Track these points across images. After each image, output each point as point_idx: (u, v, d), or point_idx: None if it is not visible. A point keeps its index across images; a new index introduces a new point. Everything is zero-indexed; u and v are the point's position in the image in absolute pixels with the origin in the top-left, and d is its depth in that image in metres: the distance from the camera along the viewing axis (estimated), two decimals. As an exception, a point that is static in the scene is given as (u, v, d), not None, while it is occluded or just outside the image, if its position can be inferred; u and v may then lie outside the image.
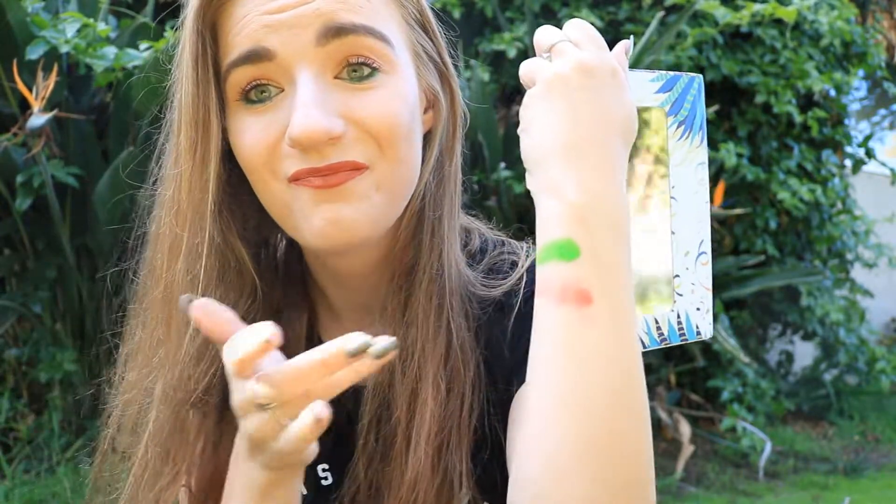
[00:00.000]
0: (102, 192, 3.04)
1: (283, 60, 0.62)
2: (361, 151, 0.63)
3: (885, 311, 7.83)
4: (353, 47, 0.63)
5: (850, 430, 5.29)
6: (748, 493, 3.94)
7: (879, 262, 5.59)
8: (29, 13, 2.98)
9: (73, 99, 3.31)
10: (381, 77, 0.64)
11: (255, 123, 0.64)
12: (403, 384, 0.67)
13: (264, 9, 0.62)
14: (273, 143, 0.63)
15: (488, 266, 0.75)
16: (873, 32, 5.77)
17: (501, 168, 3.76)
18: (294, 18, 0.62)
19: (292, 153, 0.62)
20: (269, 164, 0.64)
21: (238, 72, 0.63)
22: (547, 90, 0.59)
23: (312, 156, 0.62)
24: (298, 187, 0.63)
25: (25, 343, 3.43)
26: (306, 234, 0.64)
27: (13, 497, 2.96)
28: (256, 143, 0.64)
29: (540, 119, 0.59)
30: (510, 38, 4.25)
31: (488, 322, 0.72)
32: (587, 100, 0.57)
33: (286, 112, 0.63)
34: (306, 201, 0.63)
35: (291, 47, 0.62)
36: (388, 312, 0.70)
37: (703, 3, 4.08)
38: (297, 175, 0.63)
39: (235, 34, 0.63)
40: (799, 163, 4.94)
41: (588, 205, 0.56)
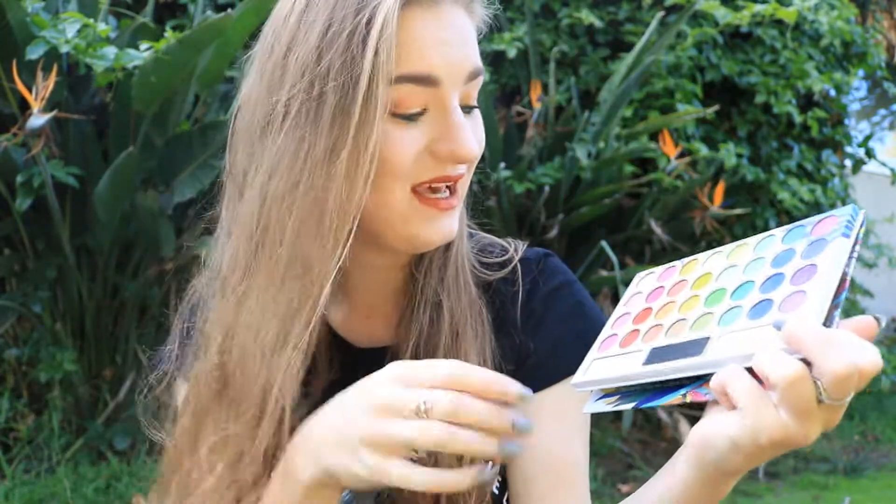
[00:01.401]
0: (102, 192, 3.04)
1: (444, 90, 0.71)
2: (466, 168, 0.76)
3: (885, 311, 7.83)
4: (475, 88, 0.75)
5: (850, 430, 5.29)
6: (748, 493, 3.94)
7: (879, 262, 5.59)
8: (29, 13, 2.97)
9: (73, 99, 3.30)
10: (476, 110, 0.77)
11: (403, 135, 0.71)
12: (449, 329, 0.78)
13: (435, 38, 0.70)
14: (417, 154, 0.71)
15: (479, 245, 0.88)
16: (873, 32, 5.77)
17: (501, 168, 3.76)
18: (457, 57, 0.72)
19: (428, 164, 0.72)
20: (407, 174, 0.72)
21: (405, 88, 0.70)
22: (743, 453, 0.57)
23: (449, 166, 0.73)
24: (421, 204, 0.73)
25: (25, 343, 3.43)
26: (414, 240, 0.74)
27: (13, 497, 2.96)
28: (404, 153, 0.71)
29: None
30: (510, 38, 4.25)
31: (488, 303, 0.83)
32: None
33: (432, 130, 0.72)
34: (428, 216, 0.74)
35: (452, 80, 0.71)
36: (431, 273, 0.80)
37: (703, 3, 4.08)
38: (431, 182, 0.73)
39: (408, 50, 0.69)
40: (799, 163, 4.94)
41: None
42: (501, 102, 4.55)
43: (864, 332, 0.52)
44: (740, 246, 0.64)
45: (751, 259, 0.61)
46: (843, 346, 0.50)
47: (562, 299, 0.84)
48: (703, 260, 0.66)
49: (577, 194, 3.99)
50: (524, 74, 4.47)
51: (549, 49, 4.39)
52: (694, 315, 0.60)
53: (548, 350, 0.82)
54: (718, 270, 0.63)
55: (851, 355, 0.49)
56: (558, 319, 0.83)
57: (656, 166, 4.20)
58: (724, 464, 0.57)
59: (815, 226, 0.59)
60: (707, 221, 4.14)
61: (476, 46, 0.75)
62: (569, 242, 4.13)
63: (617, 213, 4.27)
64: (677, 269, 0.68)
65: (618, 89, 3.96)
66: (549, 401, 0.80)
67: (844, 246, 0.54)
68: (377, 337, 0.84)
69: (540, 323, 0.83)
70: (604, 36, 4.60)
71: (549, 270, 0.86)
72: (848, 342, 0.50)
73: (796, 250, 0.58)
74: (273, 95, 0.71)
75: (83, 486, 3.04)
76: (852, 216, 0.56)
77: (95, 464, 3.25)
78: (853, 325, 0.52)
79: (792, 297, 0.54)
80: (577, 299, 0.85)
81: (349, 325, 0.84)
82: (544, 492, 0.79)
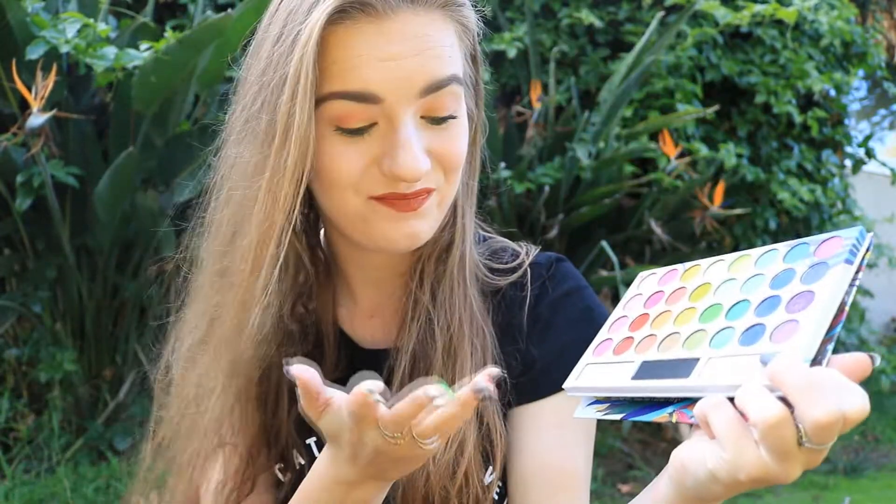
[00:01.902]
0: (102, 192, 3.04)
1: (389, 107, 0.69)
2: (434, 179, 0.74)
3: (885, 311, 7.83)
4: (443, 97, 0.72)
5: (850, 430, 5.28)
6: (748, 493, 3.94)
7: (879, 262, 5.59)
8: (29, 13, 2.97)
9: (73, 99, 3.30)
10: (455, 119, 0.74)
11: (348, 151, 0.71)
12: (443, 338, 0.78)
13: (378, 54, 0.68)
14: (364, 168, 0.71)
15: (490, 250, 0.87)
16: (873, 32, 5.77)
17: (501, 168, 3.76)
18: (405, 72, 0.69)
19: (380, 179, 0.71)
20: (355, 185, 0.72)
21: (341, 104, 0.69)
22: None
23: (401, 185, 0.71)
24: (379, 205, 0.72)
25: (25, 343, 3.43)
26: (380, 241, 0.74)
27: (13, 497, 2.96)
28: (350, 167, 0.71)
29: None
30: (510, 38, 4.25)
31: (497, 307, 0.83)
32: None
33: (380, 144, 0.71)
34: (386, 217, 0.73)
35: (398, 96, 0.69)
36: (425, 281, 0.80)
37: (703, 3, 4.08)
38: (382, 196, 0.72)
39: (346, 67, 0.68)
40: (799, 163, 4.94)
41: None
42: (501, 102, 4.55)
43: (855, 371, 0.49)
44: (742, 257, 0.62)
45: (751, 275, 0.59)
46: (827, 390, 0.47)
47: (571, 305, 0.83)
48: (705, 268, 0.64)
49: (577, 194, 3.99)
50: (524, 74, 4.47)
51: (549, 49, 4.39)
52: (688, 330, 0.59)
53: (553, 356, 0.81)
54: (718, 282, 0.61)
55: (835, 401, 0.46)
56: (566, 325, 0.82)
57: (656, 166, 4.20)
58: (702, 492, 0.55)
59: (819, 246, 0.56)
60: (707, 221, 4.13)
61: (445, 53, 0.71)
62: (569, 242, 4.13)
63: (617, 213, 4.27)
64: (679, 274, 0.66)
65: (618, 89, 3.96)
66: (550, 408, 0.80)
67: (846, 274, 0.52)
68: (379, 338, 0.84)
69: (547, 329, 0.82)
70: (604, 36, 4.60)
71: (560, 275, 0.85)
72: (834, 386, 0.47)
73: (797, 272, 0.55)
74: (234, 110, 0.75)
75: (83, 486, 3.04)
76: (858, 240, 0.53)
77: (95, 464, 3.25)
78: (845, 363, 0.49)
79: (785, 325, 0.52)
80: (586, 304, 0.84)
81: (354, 325, 0.86)
82: (542, 499, 0.78)
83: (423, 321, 0.78)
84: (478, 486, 0.76)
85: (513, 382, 0.79)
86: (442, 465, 0.74)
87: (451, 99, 0.73)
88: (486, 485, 0.78)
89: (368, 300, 0.85)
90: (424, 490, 0.75)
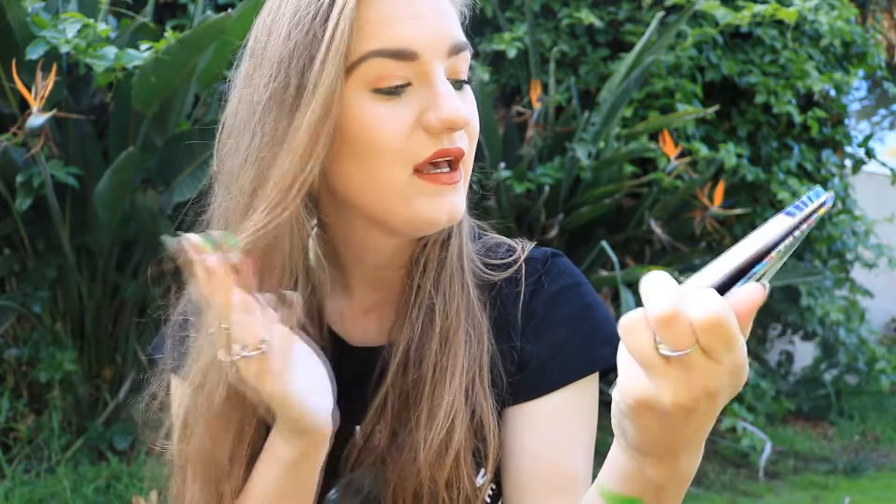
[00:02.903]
0: (102, 192, 3.04)
1: (424, 63, 0.71)
2: (465, 145, 0.74)
3: (885, 311, 7.83)
4: (462, 61, 0.74)
5: (850, 430, 5.29)
6: (748, 493, 3.94)
7: (879, 262, 5.58)
8: (29, 13, 2.97)
9: (73, 99, 3.30)
10: (468, 86, 0.76)
11: (388, 112, 0.70)
12: (440, 327, 0.76)
13: (408, 12, 0.70)
14: (408, 130, 0.71)
15: (486, 246, 0.85)
16: (873, 32, 5.77)
17: (501, 168, 3.76)
18: (434, 29, 0.71)
19: (422, 139, 0.71)
20: (400, 151, 0.71)
21: (378, 63, 0.70)
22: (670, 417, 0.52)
23: (444, 139, 0.71)
24: (421, 181, 0.72)
25: (25, 343, 3.43)
26: (421, 219, 0.73)
27: (13, 497, 2.96)
28: (393, 129, 0.70)
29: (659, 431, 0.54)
30: (510, 38, 4.25)
31: (491, 303, 0.81)
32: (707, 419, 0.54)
33: (418, 102, 0.71)
34: (430, 193, 0.72)
35: (432, 53, 0.71)
36: (426, 274, 0.78)
37: (703, 3, 4.08)
38: (429, 158, 0.71)
39: (379, 25, 0.70)
40: (799, 163, 4.94)
41: (669, 480, 0.58)
42: (501, 102, 4.55)
43: (744, 299, 0.48)
44: None
45: None
46: (668, 294, 0.48)
47: (567, 301, 0.81)
48: None
49: (577, 194, 3.99)
50: (524, 74, 4.47)
51: (549, 49, 4.39)
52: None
53: (549, 354, 0.78)
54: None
55: (673, 301, 0.47)
56: (561, 322, 0.80)
57: (656, 166, 4.20)
58: (624, 431, 0.55)
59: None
60: (707, 221, 4.14)
61: (456, 22, 0.75)
62: (569, 242, 4.13)
63: (617, 213, 4.27)
64: None
65: (618, 89, 3.96)
66: (546, 408, 0.77)
67: (781, 224, 0.53)
68: (371, 336, 0.82)
69: (542, 325, 0.80)
70: (604, 36, 4.60)
71: (556, 271, 0.82)
72: (689, 295, 0.48)
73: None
74: (254, 93, 0.72)
75: (83, 486, 3.04)
76: (810, 197, 0.54)
77: (95, 464, 3.25)
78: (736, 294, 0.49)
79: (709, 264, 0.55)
80: (584, 301, 0.81)
81: (346, 323, 0.83)
82: (538, 502, 0.75)
83: (424, 308, 0.77)
84: (467, 485, 0.74)
85: (507, 381, 0.78)
86: (432, 452, 0.73)
87: (466, 64, 0.75)
88: (477, 486, 0.76)
89: (366, 296, 0.82)
90: (414, 487, 0.73)
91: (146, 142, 3.21)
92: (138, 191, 3.15)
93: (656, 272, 0.63)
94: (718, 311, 0.47)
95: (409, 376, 0.76)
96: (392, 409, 0.76)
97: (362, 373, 0.79)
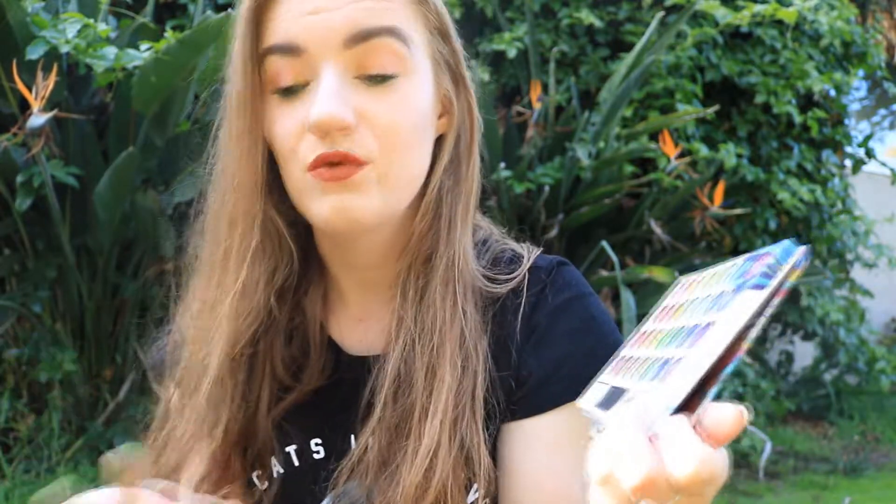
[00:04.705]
0: (102, 192, 3.04)
1: (311, 57, 0.69)
2: (366, 148, 0.69)
3: (885, 311, 7.83)
4: (376, 51, 0.69)
5: (850, 430, 5.29)
6: (748, 493, 3.94)
7: (879, 262, 5.58)
8: (29, 13, 2.97)
9: (73, 99, 3.30)
10: (396, 81, 0.70)
11: (284, 113, 0.71)
12: (423, 361, 0.72)
13: (302, 9, 0.69)
14: (298, 132, 0.70)
15: (492, 256, 0.81)
16: (873, 32, 5.78)
17: (501, 168, 3.76)
18: (326, 22, 0.69)
19: (311, 142, 0.69)
20: (294, 152, 0.70)
21: (272, 60, 0.70)
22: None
23: (326, 143, 0.68)
24: (312, 178, 0.70)
25: (25, 343, 3.43)
26: (316, 217, 0.71)
27: (13, 497, 2.96)
28: (286, 131, 0.70)
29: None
30: (510, 38, 4.25)
31: (493, 318, 0.76)
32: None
33: (309, 104, 0.69)
34: (317, 190, 0.70)
35: (320, 46, 0.69)
36: (409, 295, 0.75)
37: (703, 3, 4.08)
38: (313, 163, 0.69)
39: (275, 26, 0.70)
40: (799, 163, 4.94)
41: None
42: (501, 102, 4.55)
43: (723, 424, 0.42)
44: (714, 275, 0.53)
45: (702, 296, 0.51)
46: (641, 457, 0.42)
47: (571, 314, 0.76)
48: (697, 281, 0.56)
49: (577, 194, 3.99)
50: (524, 74, 4.47)
51: (549, 49, 4.39)
52: (645, 357, 0.53)
53: (550, 370, 0.73)
54: (688, 302, 0.53)
55: (650, 464, 0.42)
56: (565, 336, 0.75)
57: (656, 166, 4.20)
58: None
59: (756, 261, 0.47)
60: (707, 221, 4.14)
61: (383, 7, 0.69)
62: (569, 242, 4.13)
63: (617, 213, 4.27)
64: (685, 288, 0.58)
65: (618, 89, 3.96)
66: (546, 426, 0.73)
67: (752, 301, 0.44)
68: (367, 344, 0.80)
69: (544, 339, 0.75)
70: (604, 36, 4.60)
71: (561, 282, 0.77)
72: (663, 446, 0.42)
73: (726, 293, 0.47)
74: (224, 96, 0.76)
75: (83, 486, 3.04)
76: (778, 259, 0.45)
77: (95, 464, 3.25)
78: (713, 417, 0.42)
79: (674, 364, 0.46)
80: (589, 314, 0.76)
81: (343, 330, 0.81)
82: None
83: (405, 339, 0.73)
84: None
85: (506, 399, 0.74)
86: (411, 492, 0.69)
87: (388, 56, 0.70)
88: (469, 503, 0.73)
89: (358, 304, 0.80)
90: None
91: (146, 142, 3.21)
92: (138, 191, 3.15)
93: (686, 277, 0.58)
94: (698, 464, 0.41)
95: (399, 402, 0.73)
96: (382, 430, 0.73)
97: (358, 381, 0.77)
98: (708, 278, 0.53)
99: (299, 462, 0.78)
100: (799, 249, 0.45)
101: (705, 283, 0.53)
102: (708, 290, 0.51)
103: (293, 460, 0.78)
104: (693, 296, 0.53)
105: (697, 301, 0.51)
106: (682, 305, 0.54)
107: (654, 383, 0.46)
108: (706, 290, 0.51)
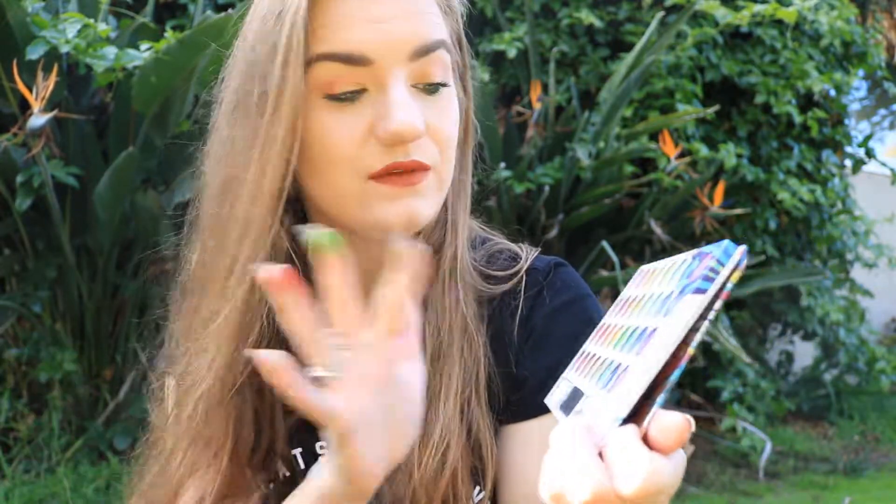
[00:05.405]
0: (102, 192, 3.04)
1: (379, 69, 0.67)
2: (430, 154, 0.70)
3: (885, 311, 7.83)
4: (433, 62, 0.69)
5: (850, 430, 5.29)
6: (748, 493, 3.94)
7: (879, 262, 5.58)
8: (29, 13, 2.98)
9: (73, 99, 3.30)
10: (446, 90, 0.71)
11: (339, 119, 0.68)
12: (431, 346, 0.72)
13: (366, 15, 0.67)
14: (360, 139, 0.68)
15: (488, 253, 0.81)
16: (873, 32, 5.77)
17: (501, 168, 3.76)
18: (395, 34, 0.67)
19: (376, 150, 0.68)
20: (353, 161, 0.68)
21: (328, 66, 0.67)
22: None
23: (398, 151, 0.68)
24: (377, 184, 0.68)
25: (25, 343, 3.43)
26: (377, 225, 0.70)
27: (13, 497, 2.96)
28: (343, 138, 0.68)
29: None
30: (510, 38, 4.25)
31: (490, 316, 0.77)
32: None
33: (372, 110, 0.68)
34: (385, 196, 0.69)
35: (389, 59, 0.67)
36: None
37: (703, 3, 4.08)
38: (382, 171, 0.68)
39: (332, 29, 0.67)
40: (799, 163, 4.94)
41: None
42: (501, 102, 4.55)
43: (667, 437, 0.42)
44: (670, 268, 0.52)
45: (655, 293, 0.51)
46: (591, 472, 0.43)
47: (569, 316, 0.76)
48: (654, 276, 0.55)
49: (577, 194, 3.99)
50: (524, 74, 4.47)
51: (549, 49, 4.39)
52: (604, 357, 0.53)
53: (548, 372, 0.72)
54: (644, 298, 0.52)
55: (599, 480, 0.42)
56: (563, 339, 0.74)
57: (656, 166, 4.20)
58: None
59: (701, 261, 0.47)
60: (707, 221, 4.14)
61: (432, 19, 0.70)
62: (569, 242, 4.13)
63: (617, 213, 4.27)
64: (644, 278, 0.57)
65: (618, 89, 3.96)
66: (540, 431, 0.72)
67: (693, 305, 0.44)
68: None
69: (541, 342, 0.75)
70: (604, 36, 4.60)
71: (559, 283, 0.77)
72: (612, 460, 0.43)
73: (672, 295, 0.47)
74: (226, 99, 0.73)
75: (83, 486, 3.04)
76: (720, 261, 0.44)
77: (95, 464, 3.25)
78: (659, 427, 0.43)
79: (621, 373, 0.46)
80: (587, 316, 0.76)
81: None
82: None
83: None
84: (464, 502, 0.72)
85: (505, 398, 0.75)
86: (427, 473, 0.70)
87: (441, 66, 0.70)
88: (475, 503, 0.73)
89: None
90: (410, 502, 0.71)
91: (146, 142, 3.21)
92: (138, 191, 3.15)
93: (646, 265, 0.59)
94: (645, 476, 0.42)
95: None
96: None
97: None
98: (664, 271, 0.53)
99: (305, 465, 0.77)
100: (738, 249, 0.44)
101: (661, 275, 0.53)
102: (661, 286, 0.51)
103: (299, 463, 0.78)
104: (649, 291, 0.53)
105: (651, 299, 0.51)
106: (638, 301, 0.54)
107: (603, 392, 0.47)
108: (660, 286, 0.51)
